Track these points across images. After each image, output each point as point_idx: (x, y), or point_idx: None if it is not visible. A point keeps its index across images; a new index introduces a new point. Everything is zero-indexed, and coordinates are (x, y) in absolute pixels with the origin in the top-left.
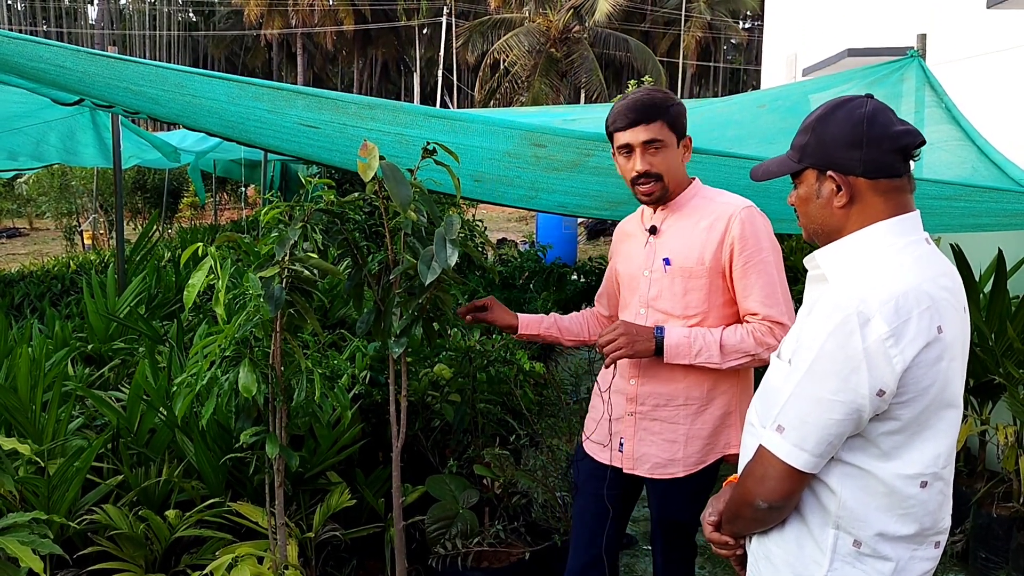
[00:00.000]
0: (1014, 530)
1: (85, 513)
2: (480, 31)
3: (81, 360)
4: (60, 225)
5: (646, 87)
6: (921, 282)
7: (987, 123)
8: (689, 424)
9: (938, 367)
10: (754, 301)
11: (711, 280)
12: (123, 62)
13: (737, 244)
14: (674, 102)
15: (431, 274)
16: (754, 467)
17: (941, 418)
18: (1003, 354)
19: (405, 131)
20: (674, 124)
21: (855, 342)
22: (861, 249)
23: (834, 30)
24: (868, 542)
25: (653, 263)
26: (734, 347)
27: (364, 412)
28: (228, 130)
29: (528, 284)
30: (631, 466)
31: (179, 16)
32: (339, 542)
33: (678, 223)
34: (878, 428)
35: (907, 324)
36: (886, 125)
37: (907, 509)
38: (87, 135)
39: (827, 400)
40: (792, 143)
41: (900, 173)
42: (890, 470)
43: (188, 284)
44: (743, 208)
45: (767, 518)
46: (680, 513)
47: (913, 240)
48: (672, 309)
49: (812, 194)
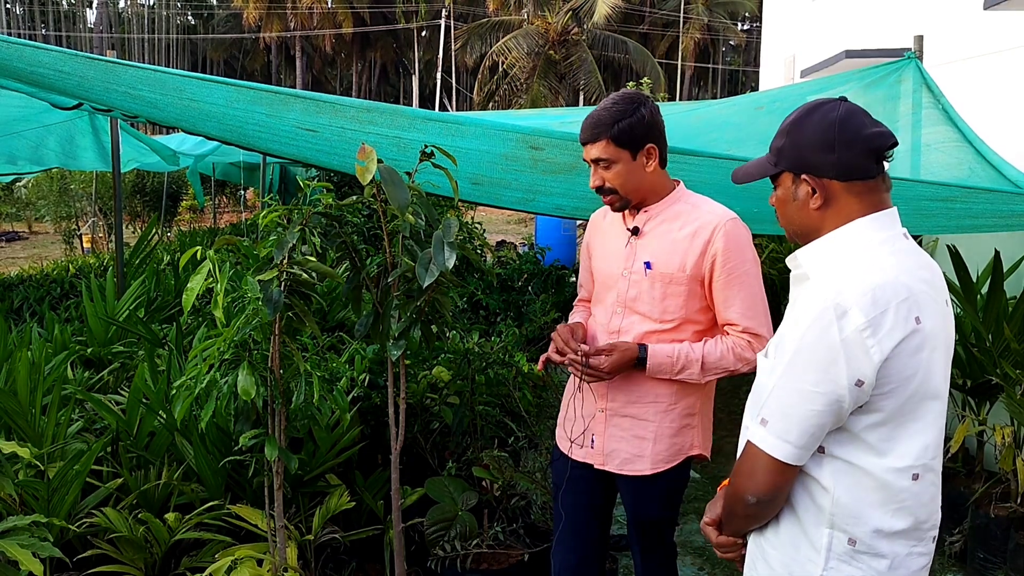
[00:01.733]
0: (1012, 530)
1: (85, 516)
2: (479, 33)
3: (80, 364)
4: (59, 229)
5: (614, 95)
6: (899, 274)
7: (984, 124)
8: (658, 421)
9: (919, 357)
10: (735, 312)
11: (690, 287)
12: (121, 66)
13: (720, 256)
14: (623, 116)
15: (429, 277)
16: (742, 463)
17: (927, 409)
18: (1000, 354)
19: (403, 134)
20: (621, 139)
21: (832, 333)
22: (840, 246)
23: (832, 32)
24: (864, 539)
25: (634, 264)
26: (714, 364)
27: (363, 414)
28: (227, 134)
29: (527, 286)
30: (602, 462)
31: (177, 19)
32: (338, 544)
33: (661, 227)
34: (863, 420)
35: (884, 315)
36: (858, 128)
37: (901, 503)
38: (86, 139)
39: (808, 391)
40: (770, 146)
41: (873, 175)
42: (881, 464)
43: (187, 287)
44: (728, 220)
45: (759, 513)
46: (651, 511)
47: (891, 235)
48: (650, 312)
49: (789, 196)
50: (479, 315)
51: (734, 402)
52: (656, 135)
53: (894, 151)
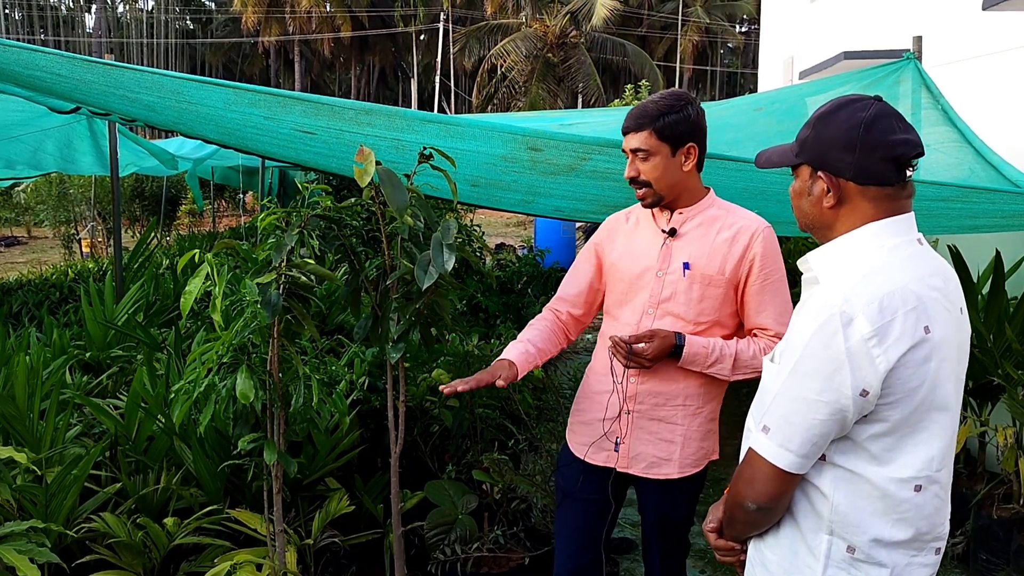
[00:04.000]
0: (1014, 531)
1: (83, 521)
2: (477, 37)
3: (79, 368)
4: (58, 233)
5: (664, 91)
6: (908, 282)
7: (984, 125)
8: (687, 424)
9: (926, 368)
10: (768, 317)
11: (726, 291)
12: (119, 69)
13: (758, 262)
14: (670, 110)
15: (428, 279)
16: (743, 469)
17: (933, 420)
18: (1002, 355)
19: (401, 136)
20: (664, 133)
21: (838, 342)
22: (850, 250)
23: (830, 33)
24: (863, 548)
25: (670, 265)
26: (746, 363)
27: (363, 418)
28: (225, 137)
29: (526, 289)
30: (626, 464)
31: (176, 24)
32: (338, 548)
33: (698, 229)
34: (867, 430)
35: (891, 324)
36: (884, 132)
37: (902, 514)
38: (84, 143)
39: (811, 400)
40: (797, 135)
41: (891, 182)
42: (883, 474)
43: (185, 291)
44: (765, 227)
45: (759, 520)
46: (676, 512)
47: (904, 240)
48: (685, 314)
49: (805, 190)
50: (479, 317)
51: (733, 404)
52: (699, 136)
53: (919, 160)
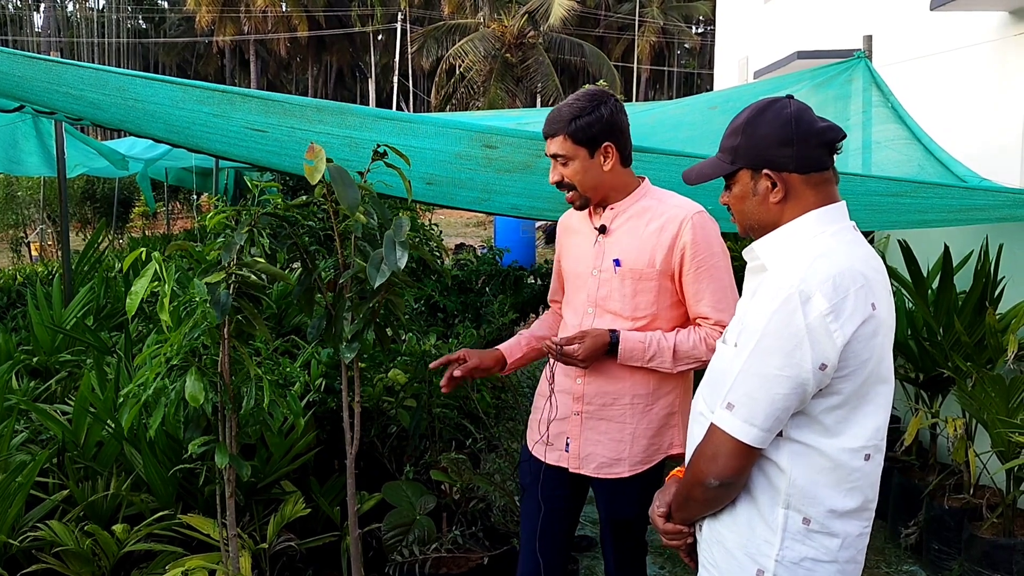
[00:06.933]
0: (965, 521)
1: (29, 530)
2: (435, 37)
3: (26, 373)
4: (6, 237)
5: (579, 92)
6: (854, 262)
7: (932, 122)
8: (635, 423)
9: (874, 341)
10: (706, 306)
11: (660, 283)
12: (61, 65)
13: (689, 249)
14: (583, 112)
15: (380, 277)
16: (705, 447)
17: (878, 392)
18: (951, 348)
19: (354, 134)
20: (579, 136)
21: (798, 319)
22: (796, 237)
23: (784, 33)
24: (817, 518)
25: (603, 263)
26: (686, 353)
27: (319, 419)
28: (174, 135)
29: (485, 288)
30: (577, 465)
31: (128, 23)
32: (294, 552)
33: (628, 223)
34: (822, 403)
35: (845, 300)
36: (811, 122)
37: (853, 483)
38: (30, 143)
39: (773, 376)
40: (720, 146)
41: (827, 166)
42: (836, 445)
43: (131, 291)
44: (695, 213)
45: (719, 496)
46: (627, 511)
47: (843, 226)
48: (621, 310)
49: (748, 192)
50: (437, 317)
51: None
52: (616, 134)
53: (843, 144)
